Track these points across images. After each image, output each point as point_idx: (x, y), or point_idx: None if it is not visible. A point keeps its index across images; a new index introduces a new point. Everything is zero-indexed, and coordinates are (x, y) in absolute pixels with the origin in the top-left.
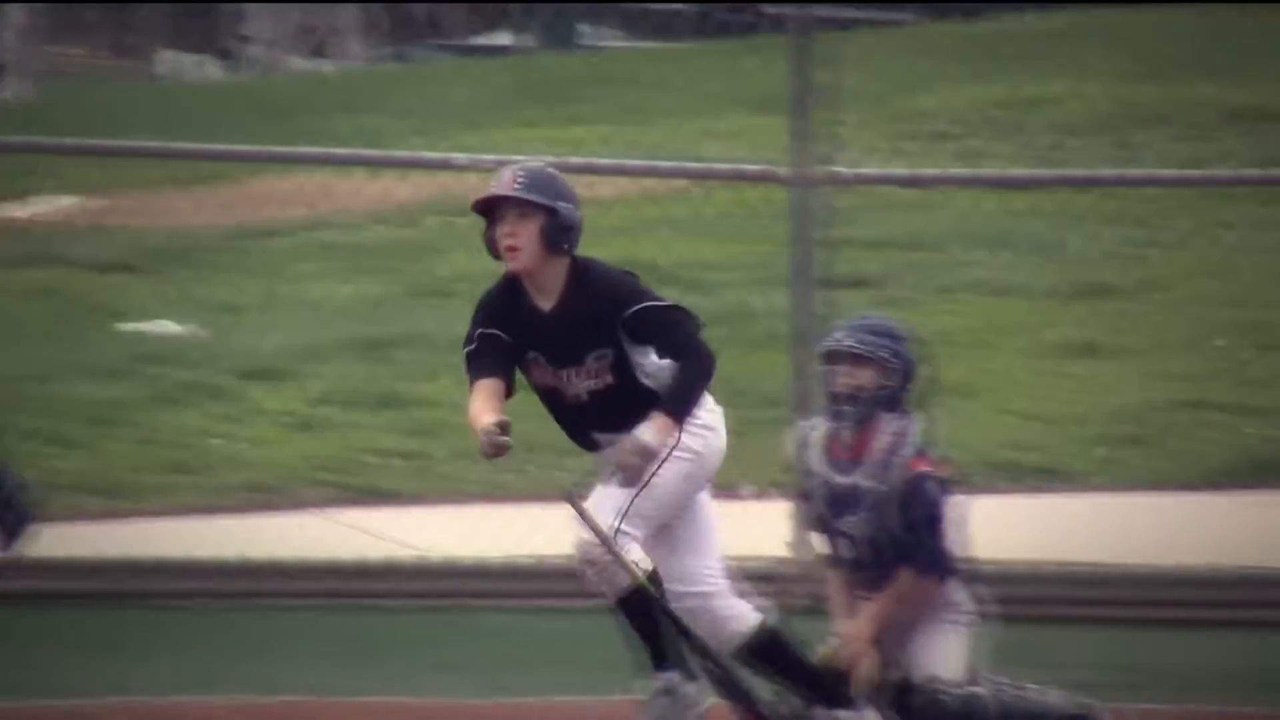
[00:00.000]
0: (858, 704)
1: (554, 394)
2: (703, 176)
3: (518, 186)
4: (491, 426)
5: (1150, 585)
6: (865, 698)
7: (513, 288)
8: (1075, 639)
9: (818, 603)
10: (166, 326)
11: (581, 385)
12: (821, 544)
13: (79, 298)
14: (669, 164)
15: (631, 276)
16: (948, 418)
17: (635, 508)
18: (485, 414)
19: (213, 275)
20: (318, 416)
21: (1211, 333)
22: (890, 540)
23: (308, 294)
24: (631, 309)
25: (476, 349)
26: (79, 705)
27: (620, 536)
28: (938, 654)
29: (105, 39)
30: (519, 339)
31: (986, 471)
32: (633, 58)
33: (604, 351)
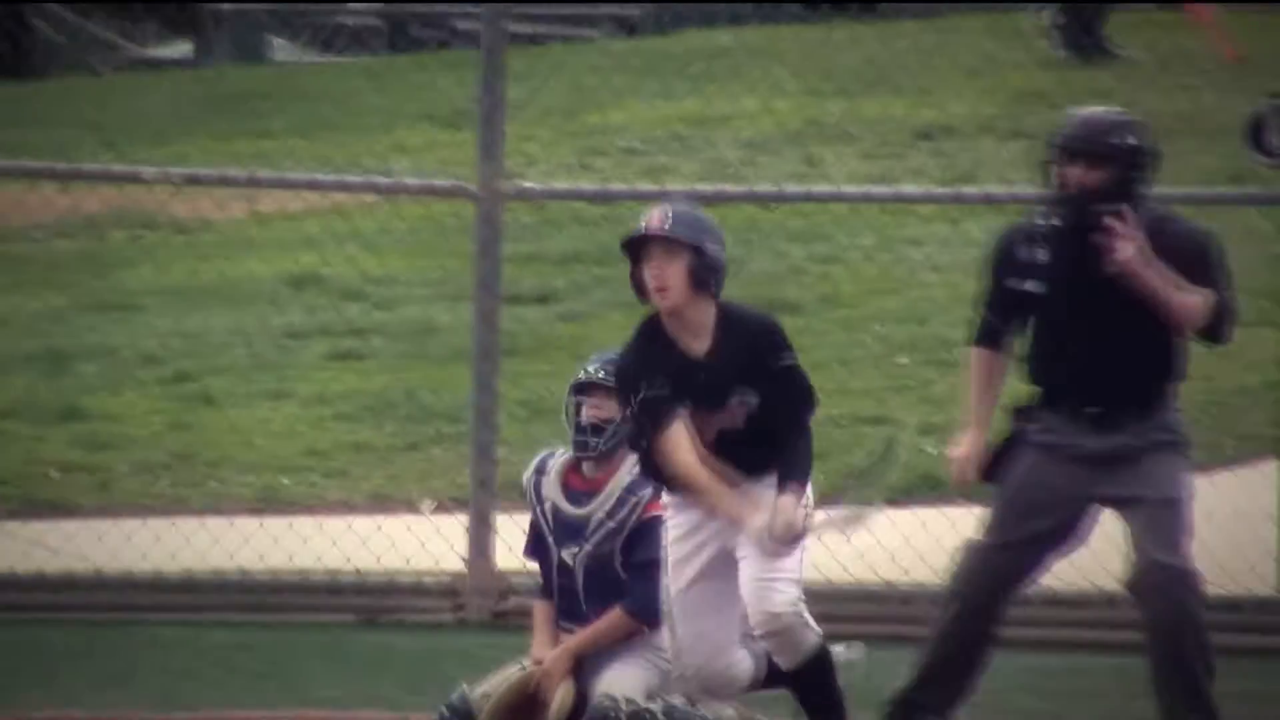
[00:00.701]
0: None
1: None
2: (393, 191)
3: (667, 226)
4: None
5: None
6: None
7: (656, 335)
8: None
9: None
10: None
11: (714, 427)
12: (535, 571)
13: None
14: (359, 179)
15: (775, 322)
16: None
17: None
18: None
19: None
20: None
21: (895, 350)
22: (606, 576)
23: None
24: (780, 361)
25: (661, 410)
26: None
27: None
28: (624, 677)
29: None
30: (674, 387)
31: None
32: (325, 71)
33: (748, 396)
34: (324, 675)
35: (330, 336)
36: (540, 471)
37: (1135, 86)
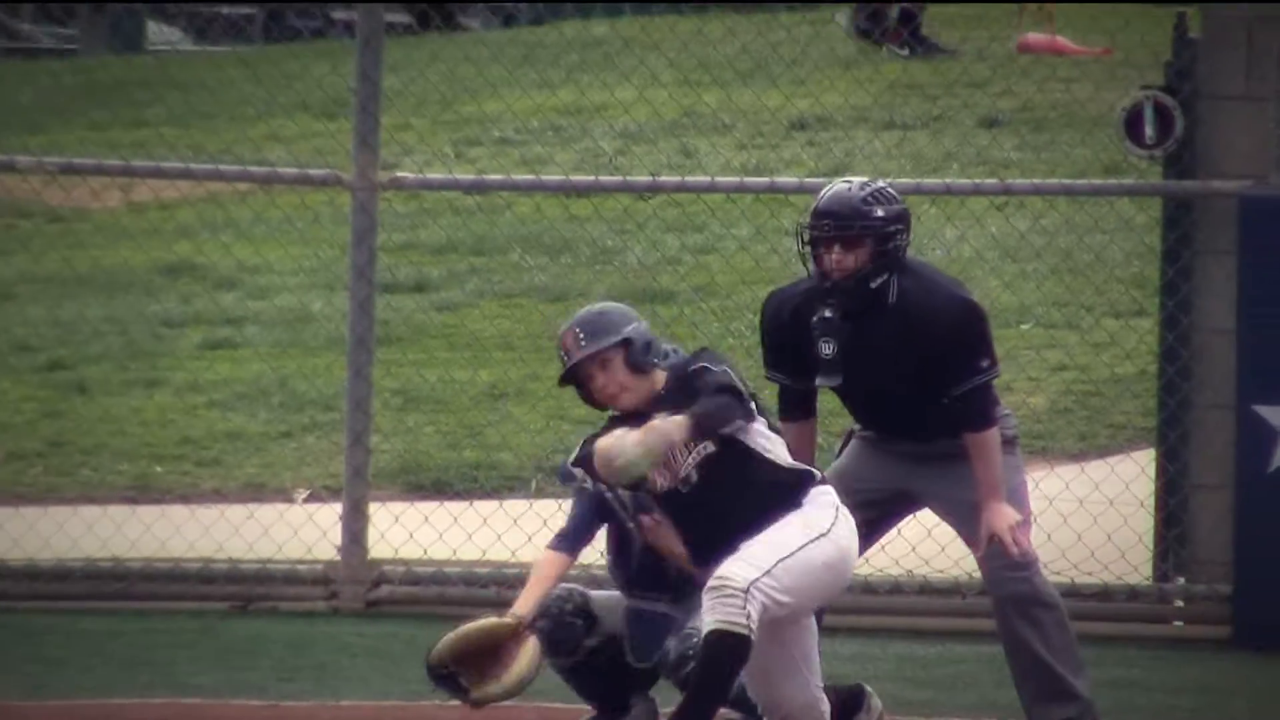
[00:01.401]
0: None
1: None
2: (268, 181)
3: (583, 344)
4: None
5: None
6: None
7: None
8: None
9: None
10: None
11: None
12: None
13: None
14: (234, 168)
15: (700, 366)
16: (504, 423)
17: (781, 567)
18: None
19: None
20: None
21: None
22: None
23: None
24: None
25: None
26: None
27: (754, 589)
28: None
29: None
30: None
31: (541, 477)
32: (201, 61)
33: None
34: (197, 663)
35: (205, 325)
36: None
37: (1010, 78)
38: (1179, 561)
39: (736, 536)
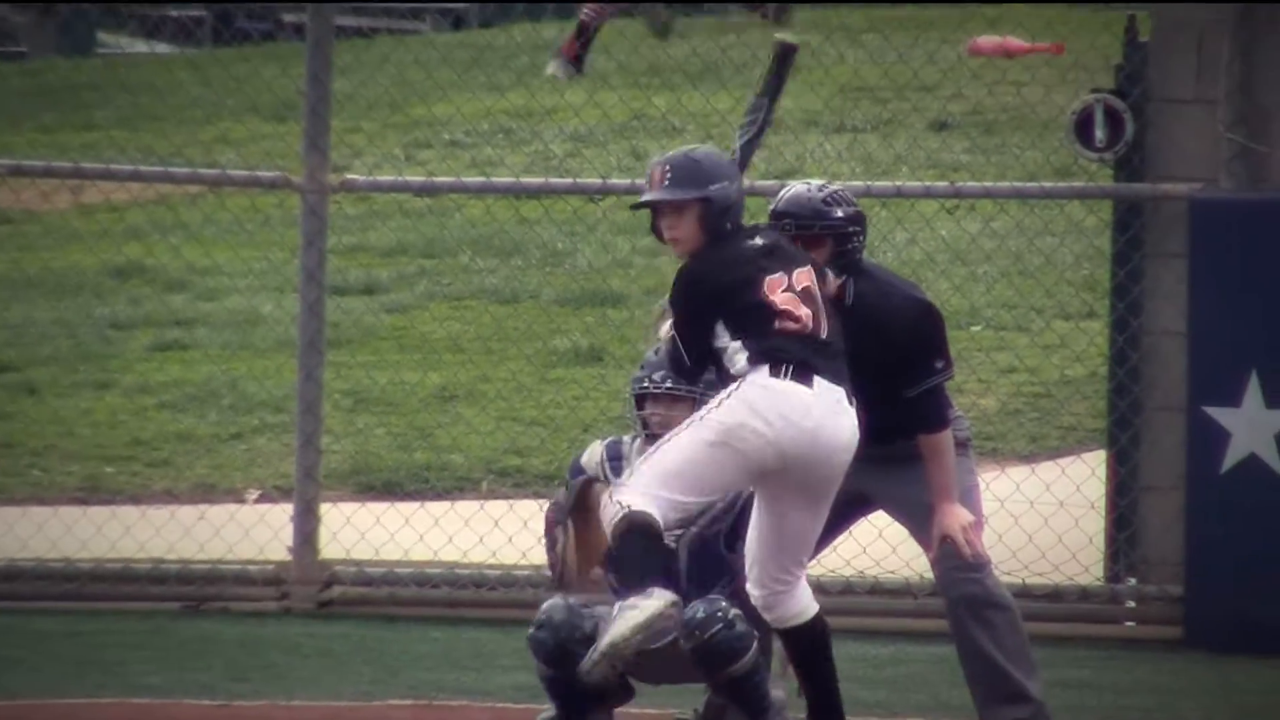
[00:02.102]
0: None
1: None
2: (217, 183)
3: (665, 185)
4: None
5: None
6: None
7: None
8: None
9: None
10: None
11: None
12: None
13: None
14: (183, 170)
15: None
16: (454, 425)
17: (650, 464)
18: None
19: None
20: None
21: None
22: (708, 555)
23: None
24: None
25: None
26: None
27: (618, 485)
28: None
29: None
30: None
31: (492, 479)
32: (151, 64)
33: None
34: (147, 663)
35: (154, 327)
36: (616, 458)
37: (960, 81)
38: (1130, 562)
39: None
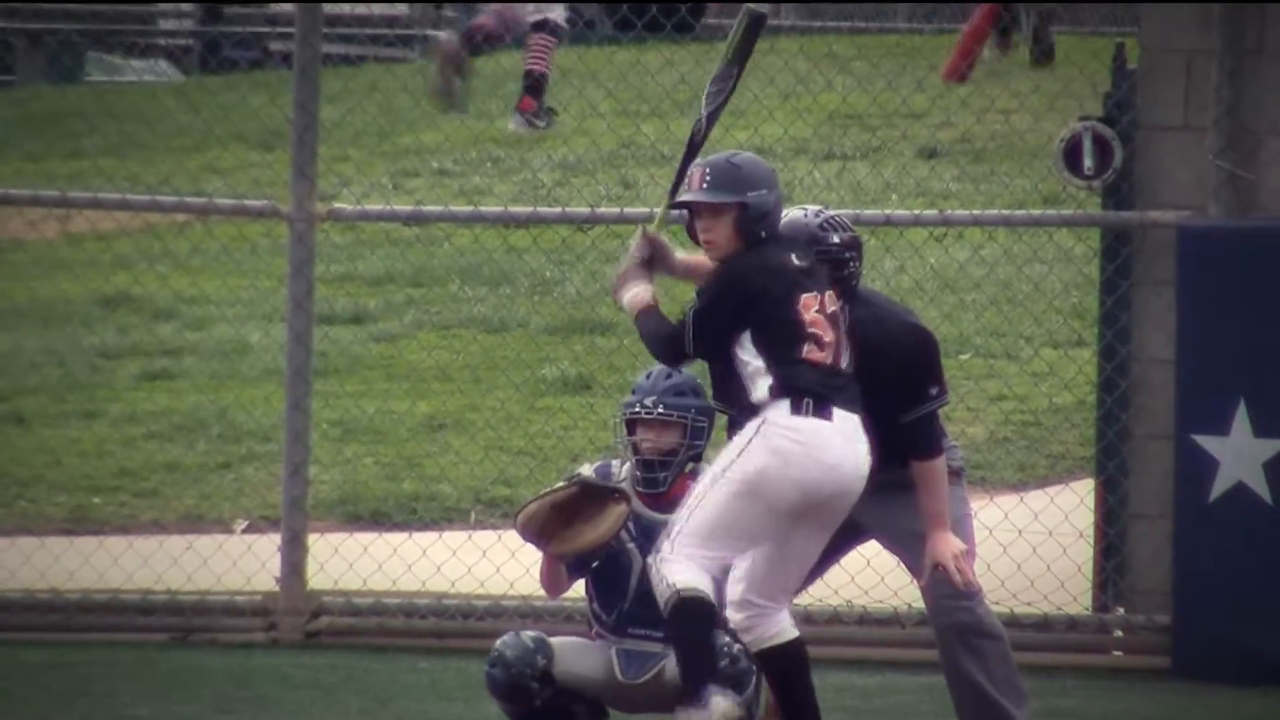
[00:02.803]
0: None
1: None
2: (205, 212)
3: (705, 187)
4: None
5: None
6: None
7: None
8: None
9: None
10: None
11: None
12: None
13: None
14: (171, 199)
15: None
16: (442, 454)
17: (686, 527)
18: None
19: None
20: None
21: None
22: None
23: None
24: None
25: None
26: None
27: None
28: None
29: None
30: None
31: (480, 509)
32: (138, 91)
33: None
34: (135, 694)
35: (142, 356)
36: (609, 478)
37: (949, 109)
38: (1118, 591)
39: None
